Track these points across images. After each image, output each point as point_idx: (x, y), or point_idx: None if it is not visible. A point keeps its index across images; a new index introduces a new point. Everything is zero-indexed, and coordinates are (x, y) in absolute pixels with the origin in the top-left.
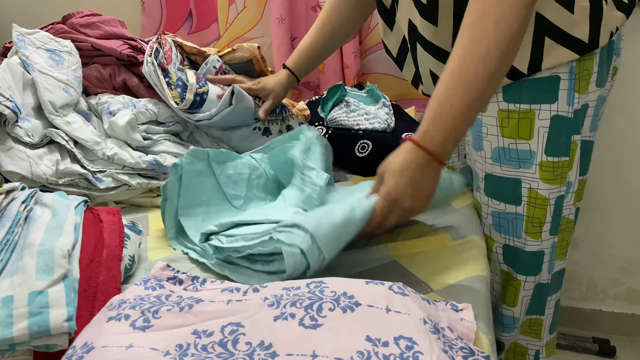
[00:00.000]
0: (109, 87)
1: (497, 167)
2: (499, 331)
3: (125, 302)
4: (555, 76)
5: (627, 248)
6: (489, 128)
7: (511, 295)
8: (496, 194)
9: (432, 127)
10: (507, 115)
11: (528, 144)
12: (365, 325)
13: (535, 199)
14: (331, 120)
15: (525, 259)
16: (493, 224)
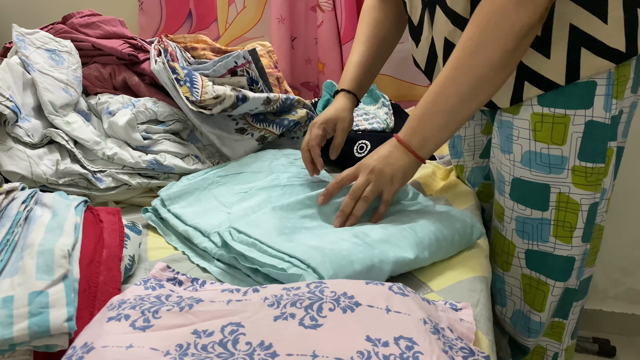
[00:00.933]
0: (109, 87)
1: (527, 172)
2: (524, 336)
3: (125, 302)
4: (592, 82)
5: (627, 248)
6: (520, 131)
7: (539, 300)
8: (523, 199)
9: (408, 122)
10: (541, 119)
11: (560, 149)
12: (365, 325)
13: (567, 203)
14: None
15: (555, 263)
16: (516, 229)
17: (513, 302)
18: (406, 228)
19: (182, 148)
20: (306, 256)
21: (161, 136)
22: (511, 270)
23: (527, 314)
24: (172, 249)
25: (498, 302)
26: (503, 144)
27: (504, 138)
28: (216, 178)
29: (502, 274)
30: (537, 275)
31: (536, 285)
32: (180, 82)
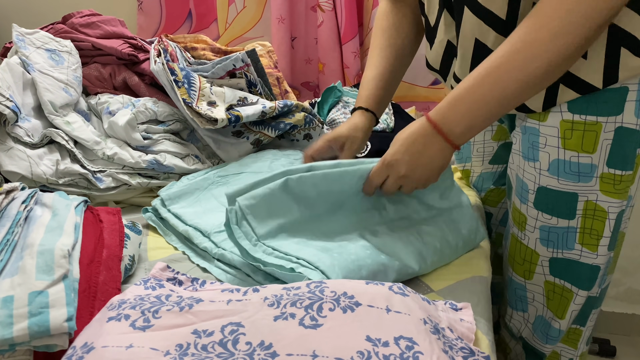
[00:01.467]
0: (109, 87)
1: (554, 180)
2: (541, 342)
3: (125, 302)
4: (624, 87)
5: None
6: (548, 139)
7: (562, 308)
8: (549, 208)
9: (447, 106)
10: (571, 126)
11: (590, 157)
12: (365, 325)
13: (594, 210)
14: (330, 121)
15: (580, 271)
16: (540, 238)
17: (535, 307)
18: (414, 233)
19: (182, 148)
20: (315, 259)
21: (161, 136)
22: (534, 278)
23: (548, 320)
24: (172, 249)
25: (519, 308)
26: (527, 151)
27: (528, 145)
28: (216, 178)
29: (523, 282)
30: (562, 282)
31: (560, 292)
32: (178, 83)
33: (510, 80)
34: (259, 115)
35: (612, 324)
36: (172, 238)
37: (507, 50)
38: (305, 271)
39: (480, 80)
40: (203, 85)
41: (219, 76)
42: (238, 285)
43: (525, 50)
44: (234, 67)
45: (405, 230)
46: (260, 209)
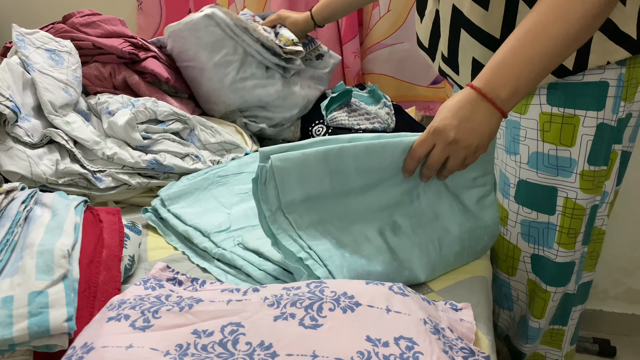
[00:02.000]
0: (109, 86)
1: (533, 174)
2: (521, 342)
3: (125, 302)
4: (604, 82)
5: (627, 248)
6: (527, 131)
7: (539, 307)
8: (529, 202)
9: (490, 72)
10: (550, 119)
11: (569, 151)
12: (365, 325)
13: (573, 209)
14: (332, 119)
15: (555, 270)
16: (522, 233)
17: (520, 307)
18: (434, 241)
19: (181, 148)
20: (326, 255)
21: (161, 136)
22: (517, 274)
23: (527, 319)
24: (172, 249)
25: (505, 307)
26: (509, 145)
27: (510, 138)
28: (216, 178)
29: (507, 279)
30: (538, 281)
31: (537, 292)
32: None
33: (551, 36)
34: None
35: (612, 324)
36: (172, 238)
37: (543, 7)
38: (312, 265)
39: (521, 39)
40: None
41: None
42: (238, 285)
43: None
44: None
45: (428, 235)
46: (292, 173)
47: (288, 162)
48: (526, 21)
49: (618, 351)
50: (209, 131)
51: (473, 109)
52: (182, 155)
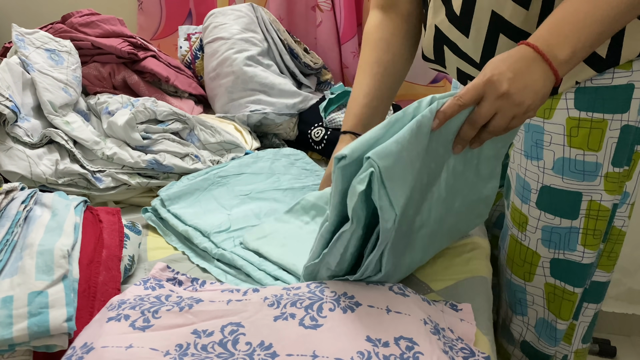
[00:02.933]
0: (109, 86)
1: (559, 180)
2: (548, 345)
3: (125, 302)
4: (630, 84)
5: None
6: (553, 136)
7: (567, 310)
8: (552, 208)
9: (547, 30)
10: (578, 124)
11: (595, 155)
12: (365, 325)
13: (598, 211)
14: (330, 121)
15: (579, 271)
16: (542, 239)
17: (535, 311)
18: (446, 233)
19: (181, 147)
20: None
21: (160, 136)
22: (534, 280)
23: (552, 323)
24: (172, 249)
25: (517, 311)
26: (529, 150)
27: (532, 143)
28: (216, 179)
29: (523, 284)
30: (562, 285)
31: (561, 294)
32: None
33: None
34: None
35: (612, 324)
36: (171, 238)
37: None
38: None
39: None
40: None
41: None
42: (238, 285)
43: None
44: None
45: (445, 223)
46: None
47: (390, 158)
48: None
49: (618, 351)
50: (208, 131)
51: (529, 65)
52: (181, 155)
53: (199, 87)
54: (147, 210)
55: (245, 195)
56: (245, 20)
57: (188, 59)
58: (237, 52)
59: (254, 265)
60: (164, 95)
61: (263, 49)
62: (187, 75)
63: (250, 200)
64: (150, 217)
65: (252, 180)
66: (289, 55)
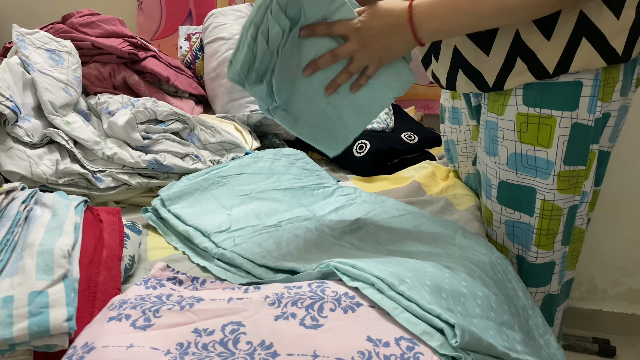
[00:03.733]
0: (109, 86)
1: (513, 174)
2: None
3: (126, 302)
4: (578, 82)
5: (627, 248)
6: (505, 132)
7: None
8: (511, 202)
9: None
10: (527, 120)
11: (546, 152)
12: (366, 325)
13: (551, 210)
14: None
15: (536, 271)
16: (507, 233)
17: None
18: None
19: (181, 147)
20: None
21: (161, 136)
22: None
23: None
24: (172, 248)
25: None
26: (488, 146)
27: (489, 140)
28: (217, 178)
29: None
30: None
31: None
32: None
33: (489, 3)
34: None
35: (612, 324)
36: (172, 238)
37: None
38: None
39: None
40: None
41: None
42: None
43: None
44: None
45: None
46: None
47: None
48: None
49: (618, 351)
50: (208, 131)
51: (395, 30)
52: (182, 155)
53: (199, 87)
54: (148, 210)
55: (246, 195)
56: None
57: (188, 59)
58: None
59: (254, 262)
60: (164, 95)
61: None
62: (187, 75)
63: (251, 200)
64: (150, 217)
65: (252, 180)
66: None
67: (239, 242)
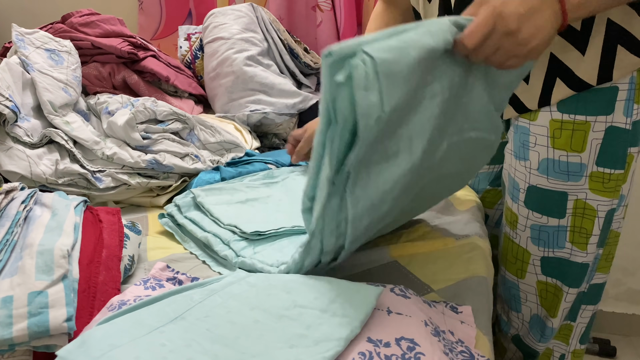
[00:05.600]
0: (108, 86)
1: (544, 180)
2: (535, 339)
3: (125, 303)
4: (614, 87)
5: (627, 248)
6: (537, 138)
7: (554, 306)
8: (539, 207)
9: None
10: (560, 126)
11: (579, 156)
12: (366, 326)
13: (583, 209)
14: None
15: (570, 270)
16: (531, 237)
17: (529, 308)
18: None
19: (181, 147)
20: None
21: (160, 136)
22: (526, 277)
23: (543, 319)
24: (172, 248)
25: (513, 308)
26: (518, 150)
27: (519, 144)
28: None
29: (516, 281)
30: (554, 281)
31: (553, 291)
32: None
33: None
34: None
35: (612, 324)
36: (190, 245)
37: None
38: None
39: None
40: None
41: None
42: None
43: None
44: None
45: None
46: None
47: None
48: None
49: (618, 351)
50: (208, 131)
51: (543, 2)
52: (181, 155)
53: (199, 87)
54: (164, 216)
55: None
56: (245, 20)
57: (188, 59)
58: (237, 52)
59: (272, 266)
60: (164, 95)
61: (263, 48)
62: (187, 75)
63: (268, 208)
64: (167, 223)
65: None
66: (289, 55)
67: (259, 249)
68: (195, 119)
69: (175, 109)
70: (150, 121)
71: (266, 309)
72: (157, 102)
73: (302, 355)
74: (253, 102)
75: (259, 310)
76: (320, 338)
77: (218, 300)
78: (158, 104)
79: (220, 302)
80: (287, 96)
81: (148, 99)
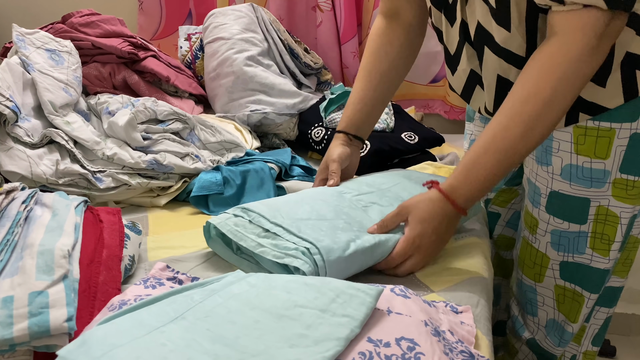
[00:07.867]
0: (109, 86)
1: (566, 185)
2: (554, 344)
3: (125, 303)
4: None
5: None
6: (561, 144)
7: (574, 312)
8: (561, 213)
9: (461, 185)
10: (585, 132)
11: (603, 163)
12: (366, 326)
13: (606, 215)
14: (330, 121)
15: (591, 275)
16: (551, 242)
17: (545, 312)
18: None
19: (181, 147)
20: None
21: (161, 136)
22: (544, 281)
23: (561, 323)
24: (172, 248)
25: (528, 311)
26: (540, 155)
27: (542, 149)
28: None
29: (533, 285)
30: (572, 287)
31: (571, 296)
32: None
33: (511, 150)
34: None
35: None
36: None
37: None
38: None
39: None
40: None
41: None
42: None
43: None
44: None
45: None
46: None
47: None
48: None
49: (618, 351)
50: (209, 130)
51: (448, 225)
52: (182, 155)
53: (199, 87)
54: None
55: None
56: (245, 20)
57: (188, 59)
58: (237, 52)
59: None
60: (164, 95)
61: (263, 49)
62: (187, 75)
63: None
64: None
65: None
66: (289, 55)
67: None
68: (196, 118)
69: (175, 109)
70: (151, 121)
71: (266, 309)
72: (158, 102)
73: (302, 355)
74: (253, 102)
75: (260, 310)
76: (320, 338)
77: (218, 300)
78: (158, 104)
79: (221, 302)
80: (287, 96)
81: (148, 99)
